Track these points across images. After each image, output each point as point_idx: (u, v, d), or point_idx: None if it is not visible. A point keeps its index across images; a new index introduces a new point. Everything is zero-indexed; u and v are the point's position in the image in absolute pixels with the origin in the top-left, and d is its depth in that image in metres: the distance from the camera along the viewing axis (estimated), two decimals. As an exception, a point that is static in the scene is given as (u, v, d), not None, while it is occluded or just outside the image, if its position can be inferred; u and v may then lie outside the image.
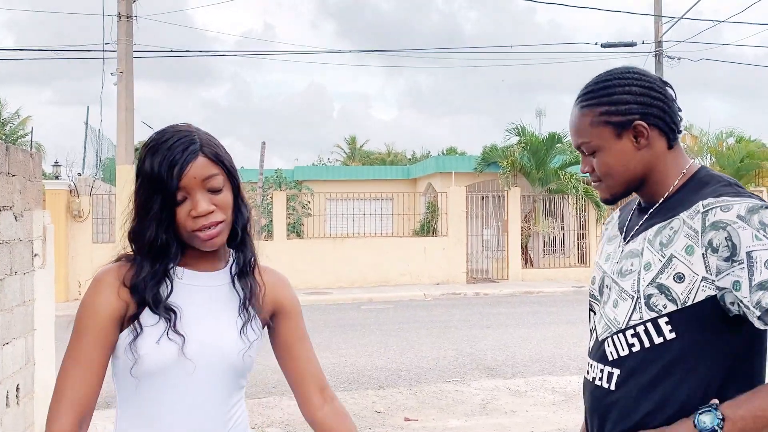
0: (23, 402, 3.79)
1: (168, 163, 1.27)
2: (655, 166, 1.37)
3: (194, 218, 1.29)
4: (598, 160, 1.39)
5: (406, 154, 36.03)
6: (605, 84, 1.37)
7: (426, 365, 7.14)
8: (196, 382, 1.33)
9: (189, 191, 1.29)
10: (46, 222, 4.30)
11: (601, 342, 1.39)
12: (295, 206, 17.29)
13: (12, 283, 3.61)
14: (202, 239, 1.31)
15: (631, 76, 1.37)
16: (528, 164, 16.34)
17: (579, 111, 1.40)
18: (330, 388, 1.50)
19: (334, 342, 8.53)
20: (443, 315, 10.92)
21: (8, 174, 3.59)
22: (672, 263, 1.27)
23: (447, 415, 5.33)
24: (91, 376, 1.29)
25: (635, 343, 1.31)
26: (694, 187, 1.34)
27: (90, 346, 1.30)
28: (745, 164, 17.82)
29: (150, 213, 1.29)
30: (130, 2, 13.29)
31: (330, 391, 1.49)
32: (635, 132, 1.35)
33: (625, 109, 1.34)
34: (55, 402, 1.29)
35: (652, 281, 1.29)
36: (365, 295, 13.29)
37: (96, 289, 1.32)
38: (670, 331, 1.27)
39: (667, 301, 1.27)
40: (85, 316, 1.31)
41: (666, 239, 1.30)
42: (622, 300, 1.35)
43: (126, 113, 13.07)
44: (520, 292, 13.85)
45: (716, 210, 1.23)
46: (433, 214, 16.44)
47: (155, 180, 1.28)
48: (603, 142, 1.36)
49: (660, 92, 1.36)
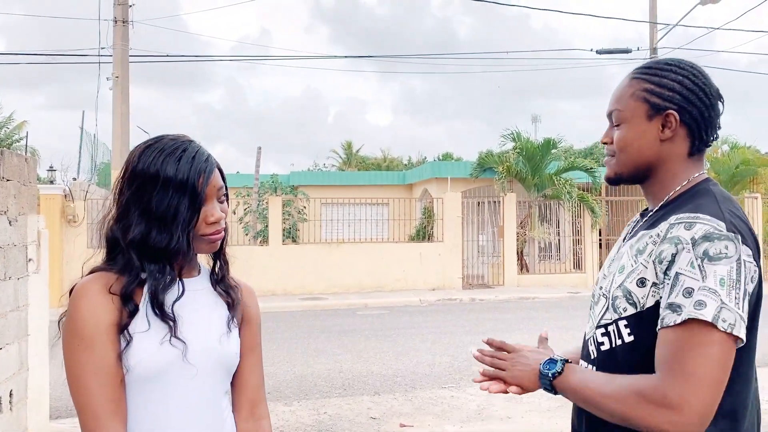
0: (16, 408, 3.76)
1: (197, 170, 1.33)
2: (667, 163, 1.37)
3: (208, 224, 1.36)
4: (620, 133, 1.39)
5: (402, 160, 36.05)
6: (665, 66, 1.38)
7: (422, 371, 7.12)
8: (196, 385, 1.34)
9: (208, 199, 1.36)
10: (40, 227, 4.29)
11: (586, 340, 1.43)
12: (291, 211, 17.27)
13: (6, 288, 3.60)
14: (210, 242, 1.38)
15: (690, 71, 1.36)
16: (523, 170, 16.38)
17: (628, 80, 1.40)
18: (264, 407, 1.49)
19: (330, 348, 8.51)
20: (439, 321, 10.92)
21: (2, 178, 3.58)
22: (638, 268, 1.29)
23: (443, 421, 5.32)
24: (116, 383, 1.27)
25: (605, 342, 1.35)
26: (688, 198, 1.33)
27: (104, 355, 1.26)
28: (740, 171, 17.90)
29: (177, 216, 1.31)
30: (126, 7, 13.30)
31: (262, 409, 1.49)
32: (665, 120, 1.35)
33: (668, 95, 1.34)
34: (93, 421, 1.25)
35: (621, 284, 1.32)
36: (361, 300, 13.28)
37: (89, 299, 1.29)
38: (628, 334, 1.30)
39: (628, 305, 1.30)
40: (87, 327, 1.26)
41: (642, 246, 1.32)
42: (601, 299, 1.39)
43: (121, 118, 13.05)
44: (516, 298, 13.85)
45: (681, 226, 1.25)
46: (428, 220, 16.46)
47: (182, 184, 1.31)
48: (633, 116, 1.37)
49: (708, 99, 1.35)
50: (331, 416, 5.49)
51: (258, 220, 16.87)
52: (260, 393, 1.48)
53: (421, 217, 17.14)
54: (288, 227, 16.76)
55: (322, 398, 6.09)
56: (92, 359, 1.26)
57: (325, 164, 35.18)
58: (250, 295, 1.53)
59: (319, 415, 5.53)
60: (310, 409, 5.70)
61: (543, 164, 16.39)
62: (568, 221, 17.04)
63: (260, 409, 1.48)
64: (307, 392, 6.31)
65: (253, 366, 1.48)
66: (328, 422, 5.33)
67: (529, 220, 16.55)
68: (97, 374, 1.25)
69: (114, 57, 13.24)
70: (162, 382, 1.31)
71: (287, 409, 5.69)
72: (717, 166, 18.28)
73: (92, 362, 1.26)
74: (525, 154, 16.34)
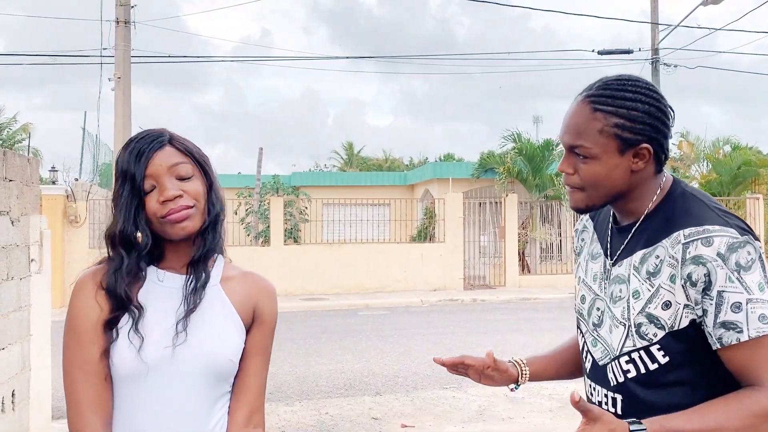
0: (19, 408, 3.77)
1: (136, 152, 1.32)
2: (639, 186, 1.36)
3: (162, 203, 1.30)
4: (588, 168, 1.33)
5: (403, 161, 36.07)
6: (627, 95, 1.31)
7: (423, 371, 7.13)
8: (179, 389, 1.31)
9: (157, 179, 1.31)
10: (42, 227, 4.30)
11: (603, 367, 1.40)
12: (293, 212, 17.28)
13: (8, 288, 3.61)
14: (171, 222, 1.30)
15: (652, 95, 1.32)
16: (524, 171, 16.38)
17: (590, 112, 1.32)
18: (261, 415, 1.39)
19: (331, 348, 8.51)
20: (440, 321, 10.92)
21: (5, 179, 3.59)
22: (660, 293, 1.29)
23: (444, 422, 5.33)
24: (100, 379, 1.29)
25: (630, 369, 1.34)
26: (671, 208, 1.34)
27: (90, 350, 1.29)
28: (742, 171, 17.88)
29: (121, 203, 1.32)
30: (128, 8, 13.31)
31: (259, 417, 1.39)
32: (637, 153, 1.32)
33: (639, 128, 1.30)
34: (76, 413, 1.28)
35: (642, 310, 1.31)
36: (362, 301, 13.28)
37: (79, 294, 1.33)
38: (663, 356, 1.30)
39: (657, 329, 1.30)
40: (77, 321, 1.30)
41: (653, 268, 1.31)
42: (615, 327, 1.37)
43: (123, 119, 13.06)
44: (517, 299, 13.84)
45: (697, 243, 1.24)
46: (430, 221, 16.46)
47: (124, 171, 1.32)
48: (603, 152, 1.31)
49: (669, 119, 1.34)
50: (332, 416, 5.49)
51: (260, 221, 16.88)
52: (259, 400, 1.39)
53: (422, 217, 17.15)
54: (289, 228, 16.77)
55: (324, 398, 6.09)
56: (80, 354, 1.29)
57: (327, 165, 35.21)
58: (268, 297, 1.43)
59: (321, 415, 5.54)
60: (311, 410, 5.70)
61: (544, 165, 16.39)
62: (570, 222, 17.02)
63: (256, 417, 1.38)
64: (308, 393, 6.32)
65: (257, 369, 1.39)
66: (330, 422, 5.33)
67: (531, 221, 16.55)
68: (82, 369, 1.28)
69: (116, 58, 13.25)
70: (141, 382, 1.29)
71: (289, 410, 5.70)
72: (719, 167, 18.26)
73: (79, 357, 1.29)
74: (526, 155, 16.35)
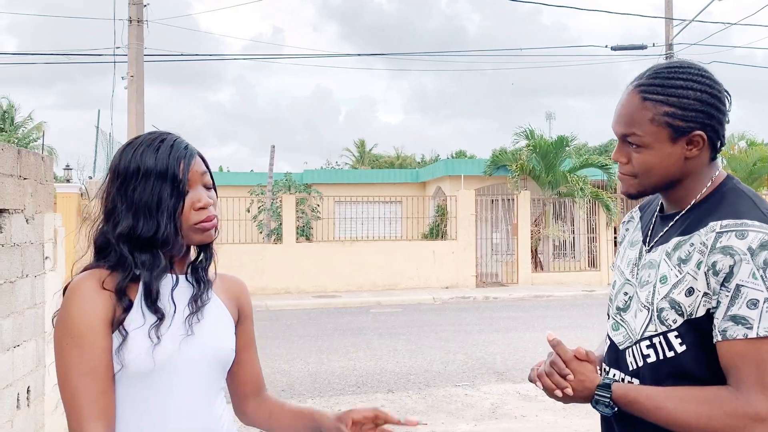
0: (34, 404, 3.80)
1: (176, 156, 1.33)
2: (692, 174, 1.35)
3: (198, 210, 1.33)
4: (641, 157, 1.34)
5: (415, 158, 36.03)
6: (677, 83, 1.30)
7: (435, 369, 7.12)
8: (192, 382, 1.33)
9: (192, 184, 1.34)
10: (57, 225, 4.33)
11: (623, 351, 1.39)
12: (305, 209, 17.32)
13: (23, 285, 3.63)
14: (205, 230, 1.35)
15: (704, 81, 1.30)
16: (537, 167, 16.30)
17: (640, 101, 1.32)
18: (265, 387, 1.56)
19: (343, 345, 8.52)
20: (452, 319, 10.90)
21: (20, 177, 3.61)
22: (685, 279, 1.28)
23: (456, 420, 5.31)
24: (104, 382, 1.25)
25: (650, 354, 1.33)
26: (717, 200, 1.32)
27: (93, 353, 1.25)
28: (758, 168, 17.72)
29: (160, 204, 1.29)
30: (140, 7, 13.38)
31: (264, 389, 1.56)
32: (690, 140, 1.31)
33: (691, 116, 1.29)
34: (77, 421, 1.23)
35: (666, 296, 1.30)
36: (374, 298, 13.28)
37: (79, 297, 1.27)
38: (680, 344, 1.29)
39: (677, 316, 1.28)
40: (77, 325, 1.25)
41: (685, 255, 1.29)
42: (640, 310, 1.36)
43: (136, 116, 13.13)
44: (530, 296, 13.80)
45: (731, 234, 1.23)
46: (442, 218, 16.43)
47: (163, 172, 1.30)
48: (655, 141, 1.31)
49: (724, 106, 1.32)
50: (344, 414, 5.50)
51: (272, 219, 16.93)
52: (261, 380, 1.55)
53: (434, 215, 17.11)
54: (302, 225, 16.81)
55: (336, 396, 6.10)
56: (80, 358, 1.24)
57: (338, 162, 35.26)
58: (245, 293, 1.54)
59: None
60: (323, 407, 5.71)
61: (557, 162, 16.30)
62: (583, 219, 16.94)
63: (263, 390, 1.55)
64: (320, 390, 6.33)
65: (253, 359, 1.53)
66: (342, 420, 5.34)
67: (544, 218, 16.48)
68: (84, 374, 1.24)
69: (129, 56, 13.32)
70: (157, 379, 1.29)
71: (301, 407, 5.71)
72: (734, 163, 18.09)
73: (80, 361, 1.24)
74: (538, 152, 16.26)
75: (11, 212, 3.48)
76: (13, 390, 3.47)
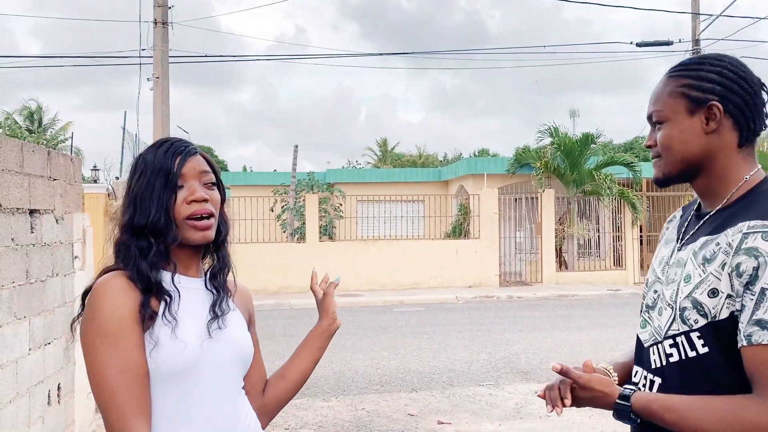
0: (64, 401, 3.87)
1: (172, 152, 1.40)
2: (717, 157, 1.33)
3: (189, 203, 1.38)
4: (663, 132, 1.36)
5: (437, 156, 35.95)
6: (700, 61, 1.35)
7: (459, 368, 7.10)
8: (219, 380, 1.36)
9: (187, 180, 1.40)
10: (85, 225, 4.40)
11: (647, 349, 1.39)
12: (327, 209, 17.38)
13: (53, 284, 3.70)
14: (197, 228, 1.39)
15: (728, 62, 1.33)
16: (561, 165, 16.15)
17: (665, 79, 1.38)
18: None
19: (366, 344, 8.54)
20: (476, 318, 10.86)
21: (50, 178, 3.68)
22: (708, 279, 1.25)
23: (480, 419, 5.30)
24: (143, 378, 1.26)
25: (673, 353, 1.31)
26: (749, 201, 1.29)
27: (130, 350, 1.26)
28: (787, 164, 17.36)
29: (152, 194, 1.37)
30: (165, 9, 13.53)
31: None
32: (708, 113, 1.31)
33: (707, 86, 1.31)
34: (119, 420, 1.23)
35: (689, 295, 1.28)
36: (397, 297, 13.29)
37: (111, 295, 1.29)
38: (702, 345, 1.27)
39: (699, 316, 1.26)
40: (111, 323, 1.26)
41: (710, 255, 1.27)
42: (664, 309, 1.34)
43: (162, 118, 13.29)
44: (555, 296, 13.69)
45: (757, 236, 1.20)
46: (465, 217, 16.37)
47: (158, 166, 1.38)
48: (673, 114, 1.34)
49: (750, 87, 1.31)
50: (368, 412, 5.51)
51: (295, 218, 17.02)
52: (265, 374, 1.64)
53: (457, 213, 17.06)
54: (324, 224, 16.87)
55: (360, 394, 6.12)
56: (117, 357, 1.24)
57: (359, 162, 35.31)
58: (251, 298, 1.63)
59: (357, 411, 5.56)
60: (347, 405, 5.73)
61: (582, 159, 16.14)
62: (608, 217, 16.76)
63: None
64: (344, 388, 6.35)
65: (259, 360, 1.61)
66: (366, 418, 5.35)
67: (568, 217, 16.32)
68: (122, 372, 1.24)
69: (154, 58, 13.48)
70: (185, 378, 1.31)
71: (325, 405, 5.74)
72: (761, 162, 17.69)
73: (117, 360, 1.24)
74: (563, 150, 16.11)
75: (42, 212, 3.54)
76: (44, 387, 3.54)
